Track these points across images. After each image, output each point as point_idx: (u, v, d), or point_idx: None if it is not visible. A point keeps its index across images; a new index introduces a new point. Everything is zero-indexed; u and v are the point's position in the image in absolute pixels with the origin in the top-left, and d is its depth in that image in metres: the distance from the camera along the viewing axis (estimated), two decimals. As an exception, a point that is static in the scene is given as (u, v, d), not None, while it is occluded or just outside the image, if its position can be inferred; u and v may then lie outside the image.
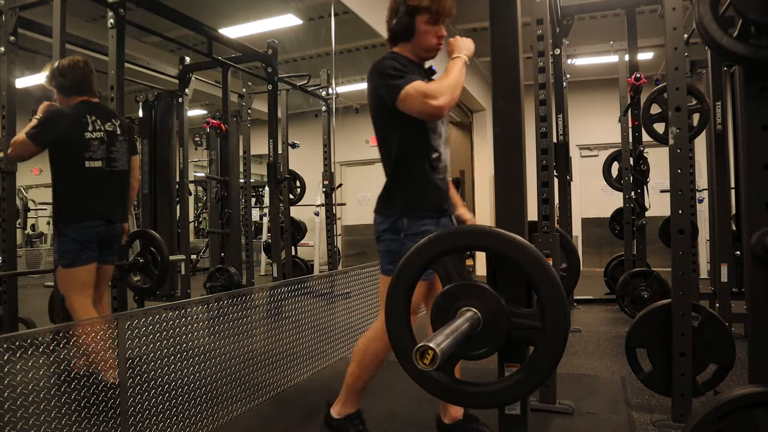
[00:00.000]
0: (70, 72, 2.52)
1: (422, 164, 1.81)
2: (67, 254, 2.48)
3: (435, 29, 1.83)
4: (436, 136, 1.84)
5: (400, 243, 1.80)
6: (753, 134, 1.35)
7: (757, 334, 1.36)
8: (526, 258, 1.38)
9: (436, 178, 1.84)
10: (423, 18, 1.80)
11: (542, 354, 1.38)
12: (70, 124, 2.47)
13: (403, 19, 1.81)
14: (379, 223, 1.85)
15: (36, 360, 1.69)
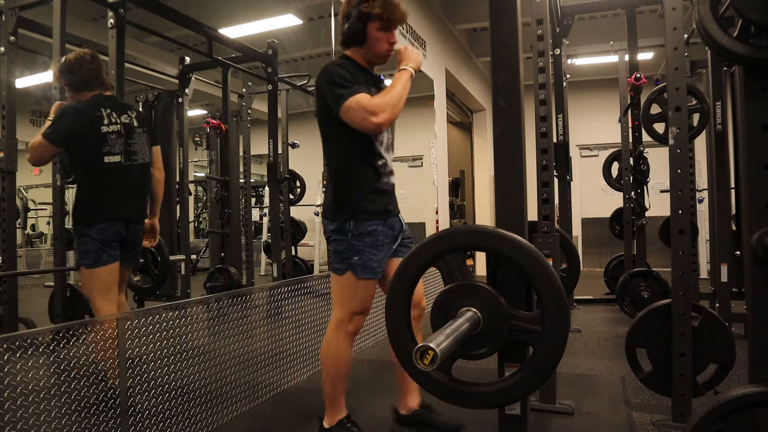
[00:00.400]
0: (77, 67, 2.44)
1: (366, 170, 1.87)
2: (89, 254, 2.42)
3: (386, 36, 1.85)
4: (378, 143, 1.89)
5: (347, 243, 1.85)
6: (753, 134, 1.35)
7: (757, 334, 1.36)
8: (527, 259, 1.38)
9: (381, 182, 1.90)
10: (375, 25, 1.82)
11: (542, 356, 1.38)
12: (84, 118, 2.40)
13: (355, 24, 1.82)
14: (327, 225, 1.93)
15: (36, 360, 1.69)
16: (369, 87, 1.84)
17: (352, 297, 1.89)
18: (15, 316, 3.38)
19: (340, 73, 1.77)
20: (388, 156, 1.94)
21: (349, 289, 1.88)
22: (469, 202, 8.92)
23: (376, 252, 1.87)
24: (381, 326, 3.74)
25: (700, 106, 3.46)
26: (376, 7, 1.79)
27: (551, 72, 2.88)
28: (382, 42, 1.85)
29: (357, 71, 1.85)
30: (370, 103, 1.71)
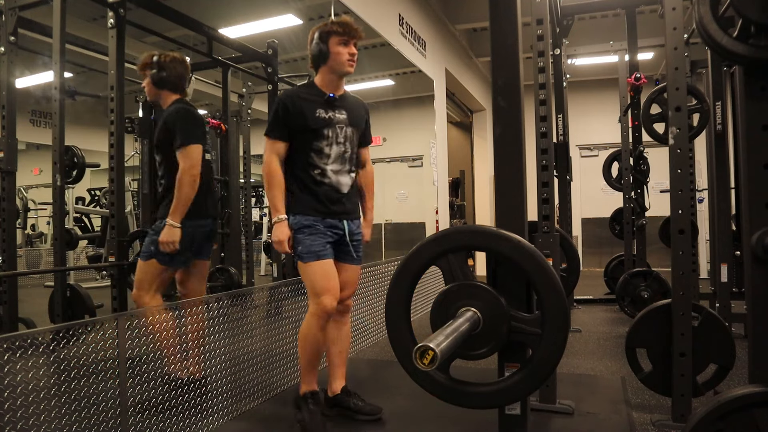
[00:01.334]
0: (171, 66, 2.49)
1: (305, 178, 2.16)
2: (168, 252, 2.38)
3: (346, 49, 2.15)
4: (322, 156, 2.17)
5: (294, 237, 2.14)
6: (753, 134, 1.35)
7: (757, 334, 1.36)
8: (528, 260, 1.38)
9: (320, 189, 2.16)
10: (335, 40, 2.13)
11: (542, 357, 1.38)
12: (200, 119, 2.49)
13: (318, 44, 2.15)
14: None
15: (36, 360, 1.69)
16: (318, 107, 2.16)
17: (311, 281, 2.11)
18: (15, 316, 3.38)
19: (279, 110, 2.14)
20: (332, 167, 2.18)
21: (306, 275, 2.12)
22: (469, 202, 8.92)
23: (316, 238, 2.11)
24: (381, 326, 3.74)
25: (700, 106, 3.46)
26: (333, 25, 2.13)
27: (551, 72, 2.88)
28: (343, 55, 2.14)
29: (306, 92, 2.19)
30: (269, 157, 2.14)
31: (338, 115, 2.21)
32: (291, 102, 2.13)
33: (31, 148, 8.63)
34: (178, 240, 2.34)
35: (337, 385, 2.30)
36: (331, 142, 2.18)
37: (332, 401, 2.29)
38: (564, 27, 4.05)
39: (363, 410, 2.24)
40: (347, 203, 2.23)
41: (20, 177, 3.65)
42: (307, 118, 2.13)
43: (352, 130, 2.25)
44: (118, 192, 3.09)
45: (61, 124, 3.23)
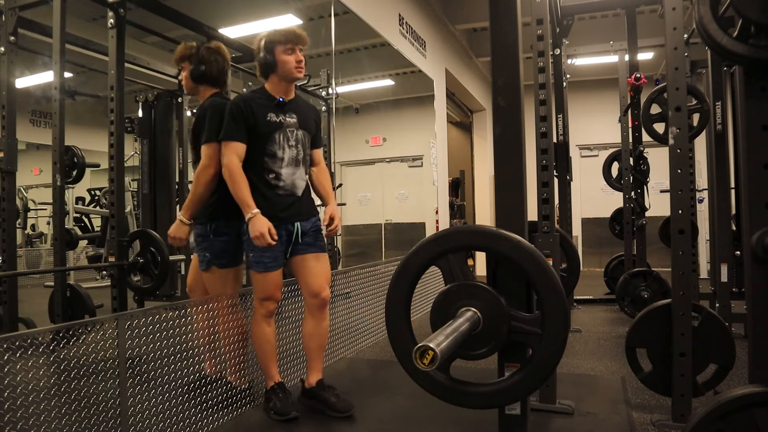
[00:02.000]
0: (212, 58, 2.39)
1: (260, 184, 2.21)
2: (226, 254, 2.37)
3: (293, 57, 2.20)
4: (276, 160, 2.23)
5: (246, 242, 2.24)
6: (753, 134, 1.35)
7: (757, 334, 1.36)
8: (528, 260, 1.38)
9: (274, 196, 2.23)
10: (280, 49, 2.19)
11: (542, 357, 1.38)
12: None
13: (264, 55, 2.20)
14: None
15: (36, 360, 1.69)
16: (269, 111, 2.22)
17: (257, 286, 2.27)
18: (15, 316, 3.38)
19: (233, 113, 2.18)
20: (286, 170, 2.25)
21: (254, 281, 2.27)
22: (469, 202, 8.92)
23: (266, 249, 2.18)
24: (381, 326, 3.74)
25: (700, 106, 3.46)
26: (278, 35, 2.19)
27: (551, 72, 2.88)
28: (290, 63, 2.20)
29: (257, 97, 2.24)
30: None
31: (288, 118, 2.27)
32: (243, 105, 2.18)
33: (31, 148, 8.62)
34: (185, 237, 2.35)
35: (313, 378, 2.35)
36: (282, 145, 2.24)
37: (308, 393, 2.35)
38: (564, 27, 4.05)
39: (335, 406, 2.27)
40: (300, 206, 2.30)
41: (20, 177, 3.65)
42: (258, 122, 2.19)
43: (303, 133, 2.32)
44: (118, 192, 3.09)
45: (61, 124, 3.22)
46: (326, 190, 2.48)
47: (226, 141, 2.18)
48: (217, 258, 2.36)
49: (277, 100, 2.25)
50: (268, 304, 2.28)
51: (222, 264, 2.37)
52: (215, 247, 2.35)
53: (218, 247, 2.35)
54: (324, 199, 2.46)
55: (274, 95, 2.26)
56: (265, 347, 2.31)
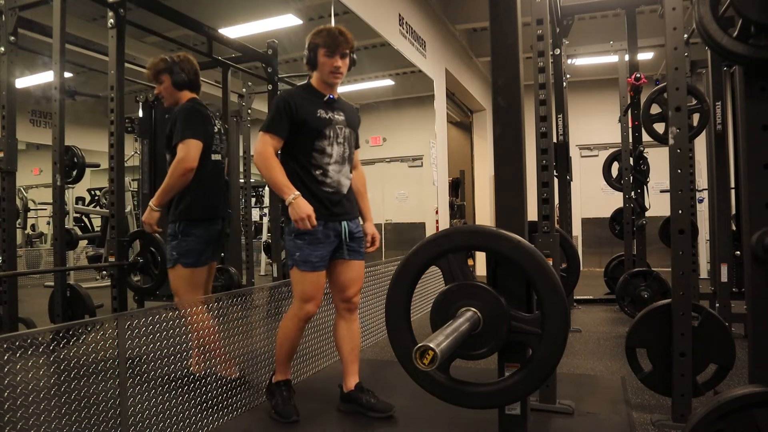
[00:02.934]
0: (188, 66, 2.59)
1: (307, 180, 2.19)
2: (192, 254, 2.44)
3: (331, 61, 2.19)
4: (324, 156, 2.21)
5: (292, 242, 2.19)
6: (753, 134, 1.35)
7: (757, 334, 1.36)
8: (528, 260, 1.38)
9: (322, 192, 2.20)
10: (321, 51, 2.19)
11: (542, 357, 1.38)
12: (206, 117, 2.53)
13: (308, 52, 2.23)
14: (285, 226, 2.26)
15: (36, 360, 1.69)
16: (319, 108, 2.21)
17: (298, 287, 2.20)
18: (15, 316, 3.38)
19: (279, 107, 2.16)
20: (333, 167, 2.23)
21: (297, 282, 2.20)
22: (469, 202, 8.92)
23: (315, 248, 2.16)
24: (381, 326, 3.74)
25: (700, 106, 3.46)
26: (320, 36, 2.19)
27: (551, 72, 2.88)
28: (327, 66, 2.20)
29: (305, 93, 2.24)
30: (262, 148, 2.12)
31: (337, 116, 2.26)
32: (293, 100, 2.17)
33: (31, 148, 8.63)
34: (154, 223, 2.42)
35: (351, 382, 2.34)
36: (332, 141, 2.23)
37: (347, 397, 2.33)
38: (564, 27, 4.05)
39: (375, 407, 2.27)
40: (346, 203, 2.28)
41: (20, 177, 3.65)
42: (310, 117, 2.17)
43: (349, 131, 2.31)
44: (118, 192, 3.09)
45: (61, 124, 3.22)
46: (363, 196, 2.46)
47: (266, 132, 2.15)
48: (183, 257, 2.44)
49: (327, 97, 2.25)
50: (309, 307, 2.22)
51: (187, 263, 2.44)
52: (182, 246, 2.45)
53: (184, 246, 2.44)
54: (364, 213, 2.46)
55: (322, 92, 2.26)
56: (287, 345, 2.28)
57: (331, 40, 2.17)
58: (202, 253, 2.45)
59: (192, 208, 2.47)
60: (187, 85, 2.59)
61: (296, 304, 2.23)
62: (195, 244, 2.45)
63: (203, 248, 2.45)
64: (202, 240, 2.45)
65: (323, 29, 2.20)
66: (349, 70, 2.30)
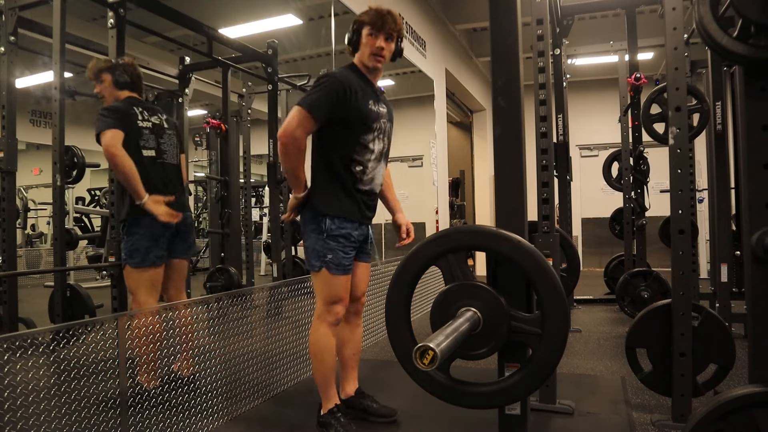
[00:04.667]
0: (131, 69, 2.61)
1: (346, 179, 2.03)
2: (138, 252, 2.41)
3: (374, 41, 2.03)
4: (367, 152, 2.05)
5: (323, 242, 2.02)
6: (753, 134, 1.35)
7: (757, 334, 1.36)
8: (528, 260, 1.38)
9: (359, 194, 2.06)
10: (366, 30, 2.04)
11: (541, 357, 1.38)
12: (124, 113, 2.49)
13: (352, 32, 2.08)
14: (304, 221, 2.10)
15: (36, 360, 1.69)
16: (370, 98, 2.05)
17: (325, 289, 2.06)
18: (15, 316, 3.38)
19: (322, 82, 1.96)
20: (373, 164, 2.08)
21: (327, 284, 2.04)
22: (469, 202, 8.92)
23: (348, 251, 2.05)
24: (381, 326, 3.74)
25: (700, 106, 3.46)
26: (366, 15, 2.04)
27: (551, 72, 2.88)
28: (369, 46, 2.04)
29: (358, 80, 2.04)
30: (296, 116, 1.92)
31: (381, 108, 2.11)
32: (349, 88, 1.97)
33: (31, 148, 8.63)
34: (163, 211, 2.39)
35: (350, 388, 2.28)
36: (376, 136, 2.08)
37: (345, 404, 2.24)
38: (564, 27, 4.05)
39: (378, 412, 2.23)
40: (374, 207, 2.18)
41: (20, 177, 3.65)
42: (362, 109, 1.99)
43: (390, 126, 2.19)
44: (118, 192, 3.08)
45: (61, 124, 3.22)
46: (390, 188, 2.34)
47: (308, 111, 1.91)
48: (129, 257, 2.41)
49: (380, 89, 2.13)
50: (338, 308, 2.07)
51: (134, 263, 2.40)
52: (127, 246, 2.42)
53: (129, 245, 2.42)
54: (393, 204, 2.33)
55: (371, 81, 2.11)
56: (328, 360, 2.08)
57: (378, 18, 2.01)
58: (149, 251, 2.39)
59: (129, 207, 2.42)
60: (128, 85, 2.59)
61: (323, 308, 2.07)
62: (139, 242, 2.39)
63: (149, 245, 2.39)
64: (147, 237, 2.39)
65: (371, 8, 2.04)
66: (394, 60, 2.14)
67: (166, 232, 2.47)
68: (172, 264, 2.59)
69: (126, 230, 2.43)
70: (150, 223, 2.39)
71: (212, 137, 5.07)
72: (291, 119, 1.91)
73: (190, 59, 4.78)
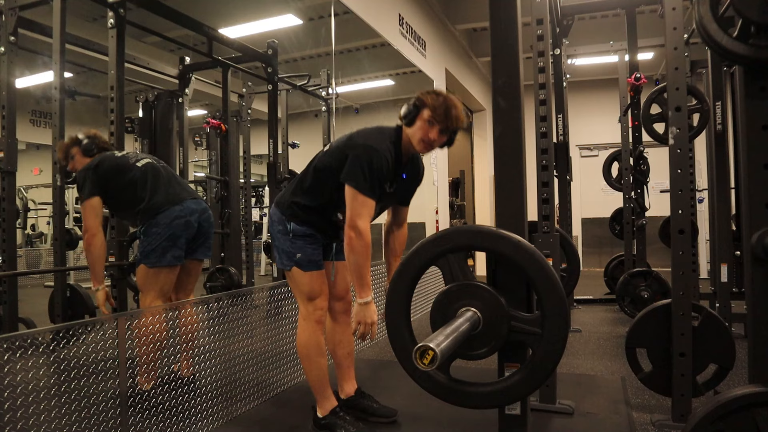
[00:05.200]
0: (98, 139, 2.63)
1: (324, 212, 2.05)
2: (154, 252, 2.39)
3: (430, 129, 1.91)
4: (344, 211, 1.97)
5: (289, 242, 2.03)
6: (753, 134, 1.35)
7: (757, 334, 1.36)
8: (528, 260, 1.38)
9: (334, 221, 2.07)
10: (426, 113, 1.91)
11: (541, 357, 1.38)
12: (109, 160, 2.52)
13: (412, 106, 1.96)
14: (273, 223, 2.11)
15: (36, 360, 1.69)
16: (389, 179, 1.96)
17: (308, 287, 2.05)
18: (15, 316, 3.38)
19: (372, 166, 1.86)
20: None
21: (303, 282, 2.05)
22: (469, 202, 8.92)
23: (316, 248, 2.06)
24: (381, 326, 3.73)
25: (700, 106, 3.46)
26: (433, 100, 1.91)
27: (551, 72, 2.88)
28: (423, 131, 1.92)
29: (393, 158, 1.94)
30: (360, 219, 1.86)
31: (389, 190, 2.04)
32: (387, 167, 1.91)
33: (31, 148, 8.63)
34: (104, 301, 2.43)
35: (349, 388, 2.27)
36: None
37: (346, 403, 2.24)
38: (564, 27, 4.05)
39: (378, 412, 2.22)
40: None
41: (20, 177, 3.65)
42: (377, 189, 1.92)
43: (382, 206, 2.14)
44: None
45: (61, 124, 3.23)
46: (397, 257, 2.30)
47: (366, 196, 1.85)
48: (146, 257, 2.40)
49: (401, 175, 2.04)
50: (320, 302, 2.06)
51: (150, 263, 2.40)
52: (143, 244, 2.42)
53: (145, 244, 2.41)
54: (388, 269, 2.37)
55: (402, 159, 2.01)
56: (319, 360, 2.06)
57: (443, 111, 1.88)
58: (167, 251, 2.37)
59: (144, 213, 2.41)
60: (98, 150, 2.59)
61: (306, 307, 2.07)
62: (157, 241, 2.37)
63: (168, 245, 2.37)
64: (166, 237, 2.37)
65: (442, 96, 1.93)
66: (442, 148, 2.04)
67: (186, 232, 2.43)
68: (188, 266, 2.56)
69: (144, 230, 2.41)
70: (169, 222, 2.37)
71: (212, 137, 5.07)
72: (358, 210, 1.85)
73: (190, 59, 4.79)
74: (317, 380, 2.09)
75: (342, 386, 2.28)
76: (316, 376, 2.08)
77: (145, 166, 2.51)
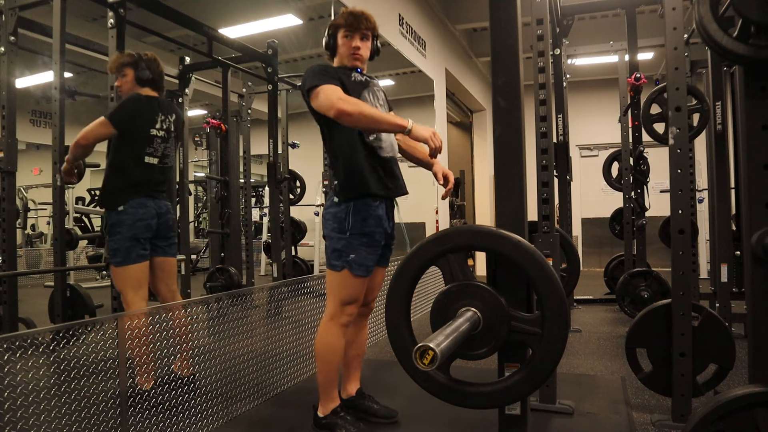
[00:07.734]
0: (154, 65, 2.58)
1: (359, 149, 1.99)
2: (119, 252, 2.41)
3: (350, 42, 2.06)
4: None
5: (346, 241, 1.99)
6: (753, 134, 1.35)
7: (757, 334, 1.36)
8: (528, 260, 1.38)
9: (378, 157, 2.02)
10: (341, 33, 2.07)
11: (541, 357, 1.38)
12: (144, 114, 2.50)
13: (328, 36, 2.11)
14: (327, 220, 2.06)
15: (36, 360, 1.69)
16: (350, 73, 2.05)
17: (341, 289, 2.02)
18: (15, 316, 3.38)
19: (321, 69, 1.96)
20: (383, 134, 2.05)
21: (344, 284, 2.01)
22: (469, 202, 8.92)
23: (372, 251, 2.02)
24: (381, 326, 3.74)
25: (700, 106, 3.46)
26: (340, 17, 2.06)
27: (551, 72, 2.88)
28: (346, 47, 2.06)
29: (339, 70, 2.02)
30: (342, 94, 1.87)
31: (370, 79, 2.14)
32: (327, 65, 2.01)
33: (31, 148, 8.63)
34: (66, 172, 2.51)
35: (352, 387, 2.28)
36: (374, 103, 2.08)
37: (347, 403, 2.25)
38: (564, 27, 4.05)
39: (379, 413, 2.23)
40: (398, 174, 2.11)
41: (20, 177, 3.65)
42: (344, 81, 1.98)
43: (384, 96, 2.21)
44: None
45: (61, 124, 3.23)
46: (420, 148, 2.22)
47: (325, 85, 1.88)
48: (112, 257, 2.43)
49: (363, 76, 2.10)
50: (352, 309, 2.05)
51: (116, 262, 2.41)
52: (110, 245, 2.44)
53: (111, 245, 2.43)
54: (423, 158, 2.22)
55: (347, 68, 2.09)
56: (335, 361, 2.06)
57: (353, 19, 2.02)
58: (130, 250, 2.40)
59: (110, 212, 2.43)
60: (150, 82, 2.58)
61: (336, 308, 2.03)
62: (120, 242, 2.39)
63: (130, 245, 2.40)
64: (127, 237, 2.39)
65: (344, 11, 2.06)
66: (372, 59, 2.15)
67: (147, 232, 2.47)
68: (157, 262, 2.58)
69: (108, 230, 2.45)
70: (131, 223, 2.41)
71: (212, 137, 5.07)
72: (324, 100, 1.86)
73: (190, 59, 4.78)
74: (327, 380, 2.08)
75: (345, 385, 2.29)
76: (327, 376, 2.07)
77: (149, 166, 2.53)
